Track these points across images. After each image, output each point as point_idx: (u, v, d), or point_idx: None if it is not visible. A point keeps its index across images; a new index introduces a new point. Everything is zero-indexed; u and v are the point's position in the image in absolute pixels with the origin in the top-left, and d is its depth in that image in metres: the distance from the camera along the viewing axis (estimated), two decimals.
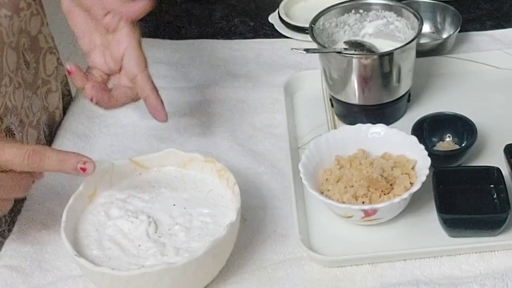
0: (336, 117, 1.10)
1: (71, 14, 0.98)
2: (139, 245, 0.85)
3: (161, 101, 0.97)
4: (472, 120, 0.99)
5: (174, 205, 0.90)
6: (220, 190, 0.91)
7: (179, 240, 0.86)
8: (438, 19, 1.22)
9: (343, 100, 1.06)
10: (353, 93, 1.04)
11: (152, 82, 0.97)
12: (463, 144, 0.99)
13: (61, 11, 1.00)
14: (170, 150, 0.94)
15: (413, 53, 1.04)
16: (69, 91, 1.22)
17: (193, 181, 0.93)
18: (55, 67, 1.14)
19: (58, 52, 1.16)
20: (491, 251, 0.88)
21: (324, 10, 1.08)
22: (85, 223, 0.89)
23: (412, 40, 1.01)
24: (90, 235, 0.87)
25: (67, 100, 1.20)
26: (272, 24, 1.30)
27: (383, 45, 1.06)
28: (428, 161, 0.91)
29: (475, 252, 0.88)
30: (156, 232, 0.87)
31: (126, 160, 0.94)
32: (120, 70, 0.97)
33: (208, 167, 0.93)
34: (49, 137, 1.13)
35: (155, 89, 0.96)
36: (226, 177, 0.91)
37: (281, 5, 1.31)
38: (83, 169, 0.84)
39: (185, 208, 0.90)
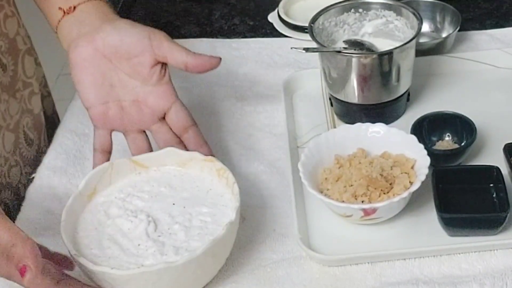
0: (335, 116, 1.10)
1: (85, 63, 0.93)
2: (139, 245, 0.85)
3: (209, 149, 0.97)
4: (472, 119, 0.99)
5: (174, 204, 0.90)
6: (219, 189, 0.91)
7: (178, 239, 0.86)
8: (438, 18, 1.22)
9: (343, 99, 1.06)
10: (353, 92, 1.04)
11: (202, 135, 0.97)
12: (463, 143, 0.99)
13: (45, 18, 0.97)
14: (170, 149, 0.94)
15: (413, 52, 1.04)
16: (48, 92, 1.20)
17: (193, 180, 0.93)
18: (34, 69, 1.12)
19: (35, 53, 1.15)
20: (491, 250, 0.88)
21: (323, 9, 1.08)
22: (85, 222, 0.89)
23: (412, 39, 1.01)
24: (90, 235, 0.87)
25: (48, 101, 1.19)
26: (272, 23, 1.30)
27: (383, 44, 1.06)
28: (427, 160, 0.91)
29: (475, 251, 0.88)
30: (155, 231, 0.87)
31: (125, 159, 0.94)
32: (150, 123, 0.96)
33: (208, 166, 0.93)
34: (38, 141, 1.12)
35: (205, 143, 0.96)
36: (226, 176, 0.91)
37: (281, 4, 1.31)
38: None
39: (184, 207, 0.90)
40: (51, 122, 1.18)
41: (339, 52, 1.03)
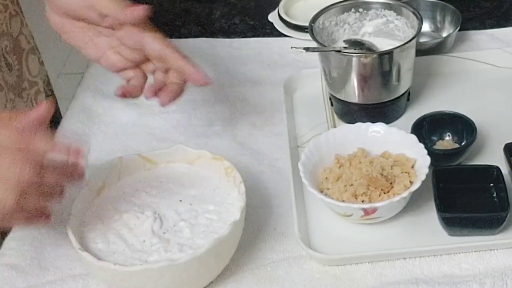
0: (335, 116, 1.10)
1: (65, 29, 0.95)
2: (144, 241, 0.86)
3: (197, 65, 0.94)
4: (472, 119, 0.99)
5: (181, 201, 0.90)
6: (226, 188, 0.91)
7: (183, 236, 0.86)
8: (438, 18, 1.22)
9: (343, 99, 1.06)
10: (353, 92, 1.04)
11: (180, 52, 0.94)
12: (463, 143, 0.99)
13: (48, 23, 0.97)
14: (179, 147, 0.95)
15: (413, 52, 1.04)
16: (51, 90, 1.20)
17: (201, 178, 0.93)
18: (38, 67, 1.12)
19: (39, 52, 1.15)
20: (491, 250, 0.88)
21: (324, 9, 1.08)
22: (92, 215, 0.89)
23: (412, 39, 1.01)
24: (96, 228, 0.87)
25: (51, 100, 1.18)
26: (272, 23, 1.30)
27: (383, 44, 1.06)
28: (427, 160, 0.91)
29: (475, 251, 0.88)
30: (161, 228, 0.87)
31: (134, 155, 0.94)
32: (145, 60, 0.96)
33: (216, 165, 0.93)
34: None
35: (187, 57, 0.94)
36: (233, 175, 0.91)
37: (281, 3, 1.31)
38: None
39: (191, 204, 0.90)
40: (55, 121, 1.18)
41: (339, 51, 1.03)
